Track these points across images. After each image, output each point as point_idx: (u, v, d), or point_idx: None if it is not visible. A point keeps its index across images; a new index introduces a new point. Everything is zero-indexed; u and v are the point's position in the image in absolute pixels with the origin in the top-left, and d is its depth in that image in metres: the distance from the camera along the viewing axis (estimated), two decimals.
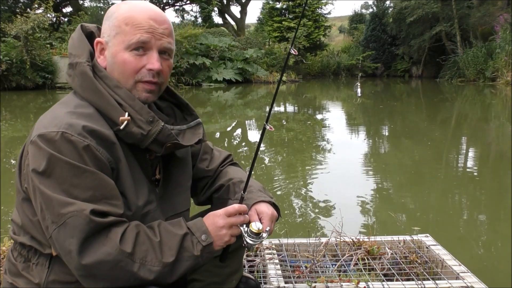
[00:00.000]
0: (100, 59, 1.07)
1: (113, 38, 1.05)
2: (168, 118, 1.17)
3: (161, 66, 1.05)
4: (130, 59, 1.03)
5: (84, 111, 1.00)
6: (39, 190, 0.92)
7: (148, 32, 1.03)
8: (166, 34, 1.06)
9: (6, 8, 18.33)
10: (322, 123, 9.00)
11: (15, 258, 1.05)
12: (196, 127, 1.18)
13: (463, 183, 4.44)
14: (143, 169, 1.07)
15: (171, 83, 16.35)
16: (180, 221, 1.03)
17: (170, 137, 1.04)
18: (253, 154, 1.25)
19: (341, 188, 4.26)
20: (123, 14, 1.04)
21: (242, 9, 26.26)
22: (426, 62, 23.92)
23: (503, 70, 16.60)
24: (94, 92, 1.01)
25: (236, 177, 1.31)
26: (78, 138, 0.93)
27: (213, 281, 1.24)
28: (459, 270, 1.73)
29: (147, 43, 1.03)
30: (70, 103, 1.02)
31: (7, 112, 9.81)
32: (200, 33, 18.45)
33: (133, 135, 1.01)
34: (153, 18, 1.04)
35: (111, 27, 1.05)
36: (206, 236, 1.01)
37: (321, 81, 22.38)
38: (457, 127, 8.41)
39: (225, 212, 1.06)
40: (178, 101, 1.22)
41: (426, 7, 20.71)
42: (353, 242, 2.00)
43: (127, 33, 1.03)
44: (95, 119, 0.99)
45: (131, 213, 1.01)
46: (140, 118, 1.01)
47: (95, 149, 0.94)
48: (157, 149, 1.05)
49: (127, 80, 1.04)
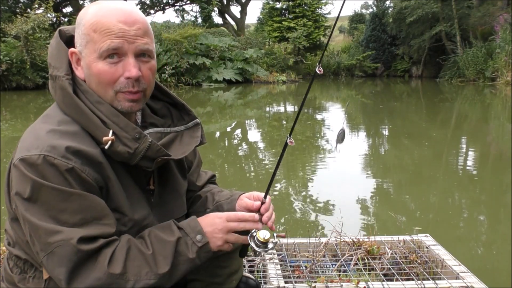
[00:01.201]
0: (78, 71, 1.00)
1: (85, 48, 0.97)
2: (164, 120, 1.12)
3: (139, 72, 0.97)
4: (104, 68, 0.95)
5: (67, 129, 0.94)
6: (25, 218, 0.89)
7: (118, 37, 0.94)
8: (140, 35, 0.97)
9: (6, 8, 18.31)
10: (322, 123, 9.00)
11: (11, 268, 1.03)
12: (194, 129, 1.13)
13: (463, 183, 4.44)
14: (137, 182, 1.04)
15: (171, 83, 16.36)
16: (171, 224, 1.00)
17: (159, 152, 0.99)
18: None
19: (341, 188, 4.26)
20: (90, 20, 0.96)
21: (242, 9, 26.25)
22: (426, 62, 23.91)
23: (503, 70, 16.59)
24: (76, 110, 0.95)
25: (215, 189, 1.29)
26: (61, 160, 0.88)
27: (213, 281, 1.24)
28: (459, 270, 1.73)
29: (119, 49, 0.94)
30: (54, 119, 0.97)
31: (7, 112, 9.81)
32: (200, 33, 18.44)
33: (119, 154, 0.95)
34: (122, 20, 0.94)
35: (81, 36, 0.97)
36: (202, 236, 0.98)
37: (321, 81, 22.37)
38: (457, 127, 8.41)
39: (227, 216, 1.03)
40: (173, 100, 1.15)
41: (426, 7, 20.70)
42: (353, 242, 2.01)
43: (96, 40, 0.94)
44: (79, 137, 0.94)
45: (126, 229, 0.99)
46: (125, 136, 0.95)
47: (80, 171, 0.90)
48: (147, 164, 0.99)
49: (105, 91, 0.97)
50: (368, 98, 14.47)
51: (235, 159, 5.55)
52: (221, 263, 1.22)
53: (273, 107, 11.80)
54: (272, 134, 7.26)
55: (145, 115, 1.11)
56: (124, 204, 0.98)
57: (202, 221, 1.02)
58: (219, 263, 1.21)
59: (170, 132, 1.09)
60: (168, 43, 16.82)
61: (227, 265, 1.24)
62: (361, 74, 25.44)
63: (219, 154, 5.81)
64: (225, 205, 1.21)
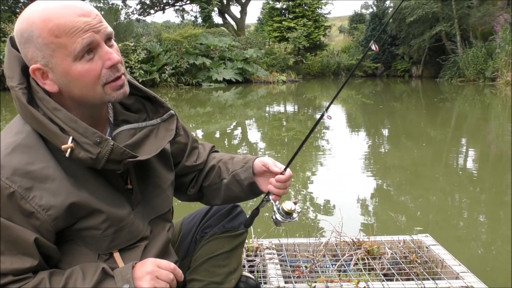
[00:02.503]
0: (47, 85, 0.93)
1: (52, 58, 0.90)
2: (138, 115, 1.09)
3: (118, 56, 0.94)
4: (85, 68, 0.91)
5: (23, 141, 0.92)
6: None
7: (85, 31, 0.89)
8: (100, 21, 0.92)
9: (6, 8, 18.30)
10: (322, 123, 9.00)
11: None
12: (169, 121, 1.08)
13: (463, 183, 4.44)
14: (112, 183, 1.02)
15: (171, 83, 16.37)
16: (97, 269, 0.95)
17: (124, 154, 0.95)
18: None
19: (341, 188, 4.25)
20: (45, 28, 0.88)
21: (242, 9, 26.24)
22: (426, 62, 23.90)
23: (503, 70, 16.58)
24: (32, 119, 0.92)
25: (225, 157, 1.28)
26: (4, 183, 0.86)
27: (212, 280, 1.23)
28: (459, 270, 1.73)
29: (92, 43, 0.90)
30: (13, 129, 0.95)
31: (7, 112, 9.81)
32: (200, 33, 18.43)
33: (82, 161, 0.92)
34: (80, 13, 0.89)
35: (41, 48, 0.89)
36: (129, 285, 0.93)
37: (321, 81, 22.36)
38: (457, 127, 8.40)
39: (156, 262, 0.98)
40: (145, 94, 1.09)
41: (426, 7, 20.69)
42: (353, 242, 2.00)
43: (66, 44, 0.88)
44: (33, 150, 0.91)
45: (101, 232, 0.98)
46: (85, 141, 0.91)
47: (21, 197, 0.87)
48: (115, 167, 0.96)
49: (94, 89, 0.93)
50: (368, 98, 14.47)
51: None
52: (219, 262, 1.22)
53: (273, 107, 11.79)
54: (271, 133, 7.26)
55: (116, 112, 1.08)
56: (99, 206, 0.97)
57: (136, 266, 0.98)
58: (217, 262, 1.21)
59: (145, 127, 1.06)
60: (168, 43, 16.82)
61: (226, 264, 1.24)
62: (361, 74, 25.43)
63: None
64: (242, 173, 1.22)
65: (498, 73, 16.84)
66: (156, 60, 16.34)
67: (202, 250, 1.28)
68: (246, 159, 1.26)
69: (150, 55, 16.27)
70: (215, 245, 1.27)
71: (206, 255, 1.26)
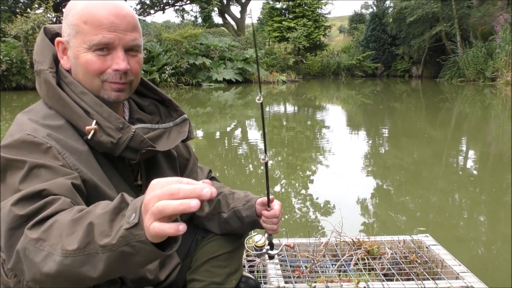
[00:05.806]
0: (63, 59, 1.01)
1: (73, 38, 0.97)
2: (151, 117, 1.12)
3: (127, 66, 0.97)
4: (93, 59, 0.95)
5: (51, 123, 0.94)
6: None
7: (110, 31, 0.94)
8: (129, 29, 0.97)
9: (6, 8, 18.32)
10: (322, 123, 9.00)
11: (5, 272, 1.01)
12: (182, 124, 1.12)
13: (463, 183, 4.44)
14: (124, 177, 1.03)
15: (171, 83, 16.37)
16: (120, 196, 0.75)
17: (143, 143, 0.98)
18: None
19: (341, 188, 4.26)
20: (80, 11, 0.95)
21: (242, 9, 26.24)
22: (426, 62, 23.91)
23: (503, 70, 16.59)
24: (59, 102, 0.95)
25: (225, 190, 1.27)
26: (41, 139, 0.88)
27: (213, 281, 1.23)
28: (459, 270, 1.73)
29: (110, 44, 0.95)
30: (38, 113, 0.96)
31: (7, 112, 9.81)
32: (200, 33, 18.44)
33: (102, 144, 0.95)
34: (114, 13, 0.95)
35: (70, 26, 0.97)
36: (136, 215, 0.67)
37: (321, 81, 22.37)
38: (457, 127, 8.40)
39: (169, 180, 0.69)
40: (161, 97, 1.14)
41: (426, 7, 20.70)
42: (353, 242, 2.01)
43: (87, 32, 0.94)
44: (63, 130, 0.94)
45: None
46: (108, 126, 0.94)
47: (57, 152, 0.88)
48: (132, 156, 0.98)
49: (92, 80, 0.98)
50: (368, 98, 14.47)
51: (235, 159, 5.54)
52: (220, 263, 1.22)
53: (273, 107, 11.79)
54: (272, 133, 7.26)
55: (132, 111, 1.11)
56: (110, 193, 0.96)
57: None
58: (218, 262, 1.21)
59: (158, 128, 1.07)
60: (168, 43, 16.82)
61: (227, 265, 1.24)
62: (361, 74, 25.44)
63: (218, 154, 5.81)
64: (243, 211, 1.20)
65: (498, 73, 16.85)
66: (156, 60, 16.35)
67: (203, 251, 1.28)
68: (248, 197, 1.24)
69: (150, 55, 16.27)
70: (216, 246, 1.27)
71: (207, 255, 1.26)
